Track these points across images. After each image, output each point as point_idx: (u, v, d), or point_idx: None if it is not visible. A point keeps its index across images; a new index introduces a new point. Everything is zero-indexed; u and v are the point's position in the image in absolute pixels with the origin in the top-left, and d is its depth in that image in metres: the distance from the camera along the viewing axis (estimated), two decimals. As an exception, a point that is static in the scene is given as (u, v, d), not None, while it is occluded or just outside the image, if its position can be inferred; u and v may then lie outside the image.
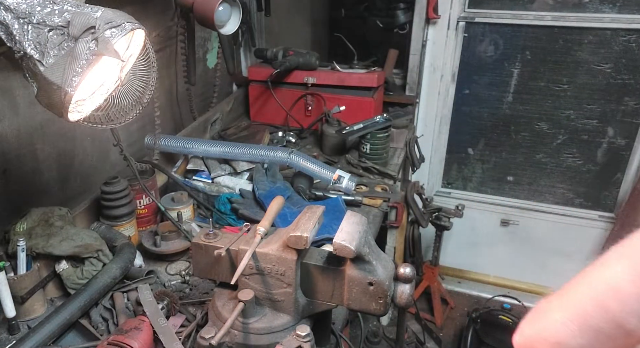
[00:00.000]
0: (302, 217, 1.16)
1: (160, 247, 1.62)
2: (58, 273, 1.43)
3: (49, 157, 1.60)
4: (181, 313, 1.38)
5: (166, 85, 2.16)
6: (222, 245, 1.19)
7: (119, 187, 1.60)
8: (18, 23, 0.98)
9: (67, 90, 0.97)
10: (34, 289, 1.35)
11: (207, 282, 1.49)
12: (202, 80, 2.39)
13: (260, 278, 1.16)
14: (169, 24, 2.06)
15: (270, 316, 1.17)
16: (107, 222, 1.61)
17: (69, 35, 0.97)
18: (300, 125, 2.55)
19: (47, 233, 1.41)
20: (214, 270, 1.24)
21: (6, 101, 1.42)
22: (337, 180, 1.94)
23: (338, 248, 1.05)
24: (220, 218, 1.79)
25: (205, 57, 2.44)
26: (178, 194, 1.82)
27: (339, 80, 2.45)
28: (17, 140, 1.48)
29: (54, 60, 0.97)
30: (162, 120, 2.01)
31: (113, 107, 1.16)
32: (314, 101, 2.53)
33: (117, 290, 1.44)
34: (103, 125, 1.16)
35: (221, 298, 1.22)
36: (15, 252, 1.33)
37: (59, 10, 0.99)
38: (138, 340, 1.18)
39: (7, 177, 1.46)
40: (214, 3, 1.75)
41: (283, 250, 1.13)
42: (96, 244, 1.46)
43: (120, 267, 1.45)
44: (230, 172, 2.06)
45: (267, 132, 2.44)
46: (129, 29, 1.01)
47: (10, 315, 1.29)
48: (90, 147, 1.76)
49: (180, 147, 2.03)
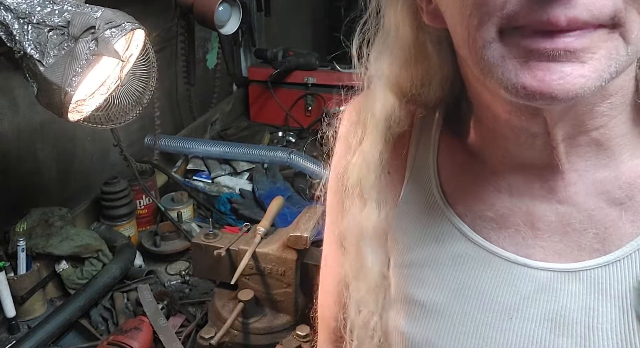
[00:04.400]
0: (302, 217, 1.16)
1: (160, 247, 1.62)
2: (58, 273, 1.43)
3: (49, 157, 1.60)
4: (181, 313, 1.38)
5: (166, 85, 2.16)
6: (222, 245, 1.19)
7: (119, 187, 1.60)
8: (18, 23, 0.98)
9: (67, 90, 0.97)
10: (34, 289, 1.35)
11: (207, 282, 1.49)
12: (202, 80, 2.39)
13: (260, 278, 1.16)
14: (169, 24, 2.06)
15: (270, 316, 1.17)
16: (107, 222, 1.61)
17: (69, 35, 0.97)
18: (300, 125, 2.54)
19: (47, 233, 1.41)
20: (214, 270, 1.24)
21: (6, 101, 1.42)
22: (337, 180, 1.94)
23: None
24: (220, 218, 1.79)
25: (205, 57, 2.44)
26: (178, 194, 1.82)
27: (339, 80, 2.43)
28: (17, 140, 1.47)
29: (54, 60, 0.97)
30: (162, 120, 2.01)
31: (113, 107, 1.16)
32: (314, 101, 2.53)
33: (117, 290, 1.44)
34: (103, 125, 1.16)
35: (221, 298, 1.22)
36: (15, 252, 1.33)
37: (59, 10, 0.99)
38: (138, 340, 1.18)
39: (7, 177, 1.46)
40: (214, 3, 1.75)
41: (283, 250, 1.13)
42: (96, 244, 1.46)
43: (120, 267, 1.45)
44: (230, 172, 2.06)
45: (267, 132, 2.44)
46: (129, 29, 1.01)
47: (10, 315, 1.29)
48: (90, 147, 1.76)
49: (180, 147, 2.03)
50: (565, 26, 0.38)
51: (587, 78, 0.38)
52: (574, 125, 0.47)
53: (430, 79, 0.55)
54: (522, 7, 0.38)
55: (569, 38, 0.38)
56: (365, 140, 0.58)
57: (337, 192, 0.64)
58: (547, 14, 0.38)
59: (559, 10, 0.37)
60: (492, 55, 0.41)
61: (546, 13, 0.38)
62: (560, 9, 0.37)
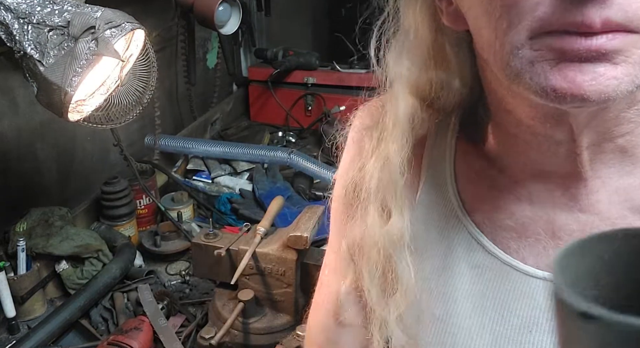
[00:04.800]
0: (302, 217, 1.16)
1: (160, 247, 1.62)
2: (58, 273, 1.43)
3: (49, 157, 1.60)
4: (181, 313, 1.38)
5: (166, 85, 2.16)
6: (222, 245, 1.19)
7: (119, 187, 1.60)
8: (18, 23, 0.98)
9: (67, 90, 0.97)
10: (34, 289, 1.35)
11: (207, 282, 1.49)
12: (202, 80, 2.39)
13: (260, 278, 1.16)
14: (169, 24, 2.05)
15: (270, 316, 1.17)
16: (107, 222, 1.61)
17: (69, 35, 0.97)
18: (300, 125, 2.54)
19: (47, 233, 1.41)
20: (214, 270, 1.24)
21: (6, 101, 1.42)
22: (337, 180, 1.94)
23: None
24: (220, 218, 1.79)
25: (205, 57, 2.44)
26: (178, 194, 1.82)
27: (339, 80, 2.45)
28: (17, 140, 1.47)
29: (54, 60, 0.97)
30: (162, 120, 2.01)
31: (113, 107, 1.16)
32: (314, 101, 2.53)
33: (117, 290, 1.44)
34: (103, 125, 1.16)
35: (221, 298, 1.22)
36: (15, 252, 1.33)
37: (59, 10, 0.99)
38: (138, 340, 1.18)
39: (7, 177, 1.46)
40: (214, 3, 1.75)
41: (283, 250, 1.13)
42: (96, 244, 1.46)
43: (120, 267, 1.45)
44: (230, 172, 2.06)
45: (267, 132, 2.44)
46: (129, 29, 1.01)
47: (10, 315, 1.29)
48: (90, 147, 1.76)
49: (180, 147, 2.03)
50: (599, 28, 0.37)
51: (620, 81, 0.37)
52: (600, 132, 0.45)
53: (449, 82, 0.54)
54: (555, 8, 0.37)
55: (603, 39, 0.37)
56: (385, 143, 0.55)
57: (345, 200, 0.60)
58: (582, 14, 0.36)
59: (593, 11, 0.36)
60: (519, 62, 0.40)
61: (581, 13, 0.36)
62: (595, 10, 0.36)
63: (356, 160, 0.59)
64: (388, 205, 0.54)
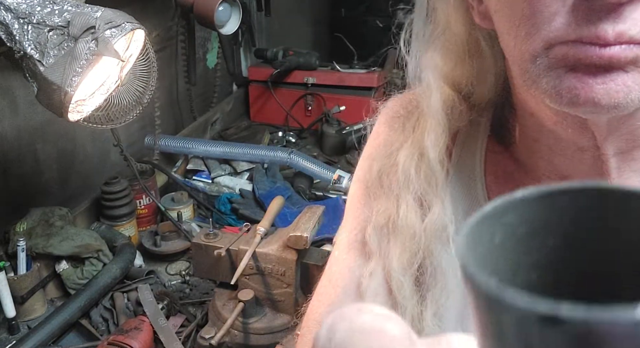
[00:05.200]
0: (302, 217, 1.16)
1: (160, 247, 1.62)
2: (58, 273, 1.43)
3: (49, 157, 1.60)
4: (181, 313, 1.38)
5: (166, 85, 2.16)
6: (222, 245, 1.19)
7: (119, 187, 1.60)
8: (18, 23, 0.98)
9: (67, 90, 0.97)
10: (34, 289, 1.35)
11: (207, 282, 1.49)
12: (202, 80, 2.39)
13: (260, 278, 1.16)
14: (169, 24, 2.06)
15: (270, 316, 1.17)
16: (107, 222, 1.61)
17: (69, 35, 0.97)
18: (300, 125, 2.54)
19: (47, 233, 1.41)
20: (214, 270, 1.24)
21: (6, 101, 1.42)
22: (337, 180, 1.94)
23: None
24: (220, 218, 1.79)
25: (205, 57, 2.44)
26: (178, 194, 1.82)
27: (339, 80, 2.45)
28: (17, 140, 1.47)
29: (54, 60, 0.97)
30: (162, 120, 2.01)
31: (113, 107, 1.16)
32: (314, 101, 2.53)
33: (117, 290, 1.44)
34: (103, 125, 1.16)
35: (221, 298, 1.22)
36: (15, 252, 1.33)
37: (59, 10, 0.99)
38: (138, 340, 1.18)
39: (7, 177, 1.46)
40: (214, 3, 1.75)
41: (283, 250, 1.13)
42: (96, 244, 1.46)
43: (120, 267, 1.45)
44: (230, 172, 2.06)
45: (267, 132, 2.44)
46: (129, 29, 1.01)
47: (10, 315, 1.29)
48: (91, 147, 1.76)
49: (180, 147, 2.03)
50: (612, 41, 0.38)
51: (630, 89, 0.38)
52: (628, 140, 0.46)
53: (484, 76, 0.54)
54: (571, 21, 0.38)
55: (616, 48, 0.38)
56: (421, 132, 0.55)
57: (368, 184, 0.60)
58: (597, 27, 0.38)
59: (607, 24, 0.37)
60: (537, 69, 0.41)
61: (595, 26, 0.38)
62: (610, 24, 0.37)
63: (387, 146, 0.59)
64: (427, 196, 0.54)
